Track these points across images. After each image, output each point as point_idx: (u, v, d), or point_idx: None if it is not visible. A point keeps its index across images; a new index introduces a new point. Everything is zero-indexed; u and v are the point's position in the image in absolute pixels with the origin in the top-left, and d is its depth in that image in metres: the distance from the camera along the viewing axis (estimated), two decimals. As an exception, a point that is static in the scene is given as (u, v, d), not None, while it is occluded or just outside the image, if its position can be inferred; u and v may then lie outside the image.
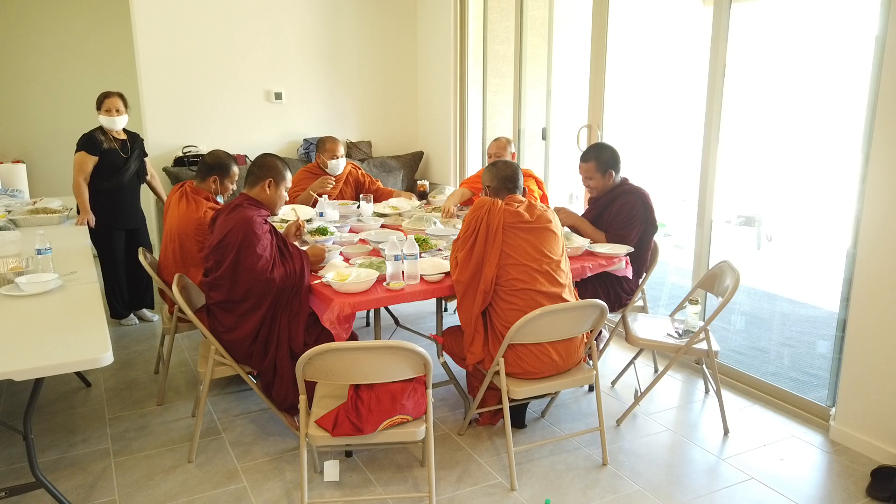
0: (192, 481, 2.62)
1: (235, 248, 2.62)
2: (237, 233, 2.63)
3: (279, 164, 2.86)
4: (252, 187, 2.83)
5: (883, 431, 2.76)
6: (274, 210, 2.88)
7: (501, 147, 4.10)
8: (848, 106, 3.80)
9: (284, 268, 2.68)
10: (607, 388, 3.46)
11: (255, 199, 2.81)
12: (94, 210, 4.03)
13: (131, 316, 4.40)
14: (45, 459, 2.78)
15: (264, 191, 2.81)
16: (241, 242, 2.62)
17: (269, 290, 2.63)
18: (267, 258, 2.64)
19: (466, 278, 2.66)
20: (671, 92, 5.91)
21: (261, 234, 2.66)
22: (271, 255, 2.67)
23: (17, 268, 2.77)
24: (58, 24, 6.40)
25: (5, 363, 1.88)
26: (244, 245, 2.62)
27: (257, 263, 2.61)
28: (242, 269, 2.62)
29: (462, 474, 2.67)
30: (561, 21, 4.88)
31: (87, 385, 3.52)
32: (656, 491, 2.57)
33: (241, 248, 2.62)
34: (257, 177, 2.82)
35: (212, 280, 2.72)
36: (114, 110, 3.99)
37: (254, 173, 2.84)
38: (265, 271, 2.62)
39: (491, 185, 2.82)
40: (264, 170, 2.82)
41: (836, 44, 4.10)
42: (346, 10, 5.69)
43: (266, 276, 2.62)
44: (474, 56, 5.51)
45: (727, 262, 3.06)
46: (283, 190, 2.87)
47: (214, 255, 2.70)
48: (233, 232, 2.64)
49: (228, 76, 5.32)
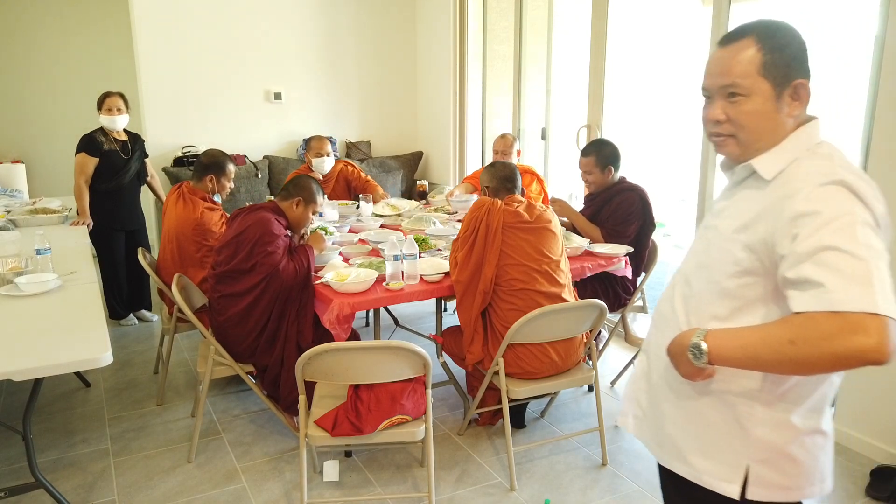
0: (191, 481, 2.62)
1: (251, 243, 2.67)
2: (255, 230, 2.69)
3: (314, 188, 2.93)
4: (283, 200, 2.91)
5: (882, 431, 2.76)
6: (296, 228, 2.94)
7: (508, 145, 4.11)
8: (848, 106, 3.80)
9: (294, 263, 2.72)
10: (607, 388, 3.46)
11: (280, 210, 2.87)
12: (93, 211, 4.02)
13: (130, 316, 4.40)
14: (44, 459, 2.78)
15: (292, 207, 2.88)
16: (257, 239, 2.67)
17: (274, 281, 2.67)
18: (279, 253, 2.70)
19: (466, 278, 2.66)
20: (671, 92, 5.91)
21: (277, 233, 2.73)
22: (283, 252, 2.73)
23: (17, 268, 2.77)
24: (57, 24, 6.40)
25: (5, 363, 1.88)
26: (259, 242, 2.67)
27: (270, 259, 2.66)
28: (255, 263, 2.67)
29: (461, 474, 2.67)
30: (560, 21, 4.88)
31: (86, 385, 3.51)
32: (656, 491, 2.57)
33: (257, 244, 2.67)
34: (290, 192, 2.90)
35: (220, 273, 2.74)
36: (115, 110, 3.99)
37: (288, 189, 2.93)
38: (273, 264, 2.66)
39: (490, 186, 2.82)
40: (298, 189, 2.91)
41: (836, 44, 4.10)
42: (345, 10, 5.68)
43: (273, 268, 2.66)
44: (474, 56, 5.51)
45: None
46: (310, 212, 2.94)
47: (228, 249, 2.73)
48: (251, 229, 2.70)
49: (228, 76, 5.32)
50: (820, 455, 1.17)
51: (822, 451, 1.18)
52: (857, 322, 0.94)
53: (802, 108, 1.19)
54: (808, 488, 1.17)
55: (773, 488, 1.16)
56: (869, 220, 1.03)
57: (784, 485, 1.16)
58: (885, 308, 0.94)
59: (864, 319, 0.94)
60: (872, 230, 1.02)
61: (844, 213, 1.03)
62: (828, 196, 1.06)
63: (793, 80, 1.17)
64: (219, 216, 3.37)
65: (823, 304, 0.97)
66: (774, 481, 1.15)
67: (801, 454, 1.15)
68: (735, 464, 1.17)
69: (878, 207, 1.07)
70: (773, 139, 1.19)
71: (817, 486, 1.18)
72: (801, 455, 1.16)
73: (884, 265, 0.99)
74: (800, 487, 1.17)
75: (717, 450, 1.19)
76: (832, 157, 1.13)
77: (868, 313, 0.94)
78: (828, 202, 1.05)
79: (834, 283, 0.97)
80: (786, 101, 1.17)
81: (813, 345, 0.97)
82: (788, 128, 1.19)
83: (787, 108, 1.18)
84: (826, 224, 1.02)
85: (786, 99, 1.17)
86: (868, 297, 0.95)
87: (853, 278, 0.96)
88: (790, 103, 1.18)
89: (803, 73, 1.18)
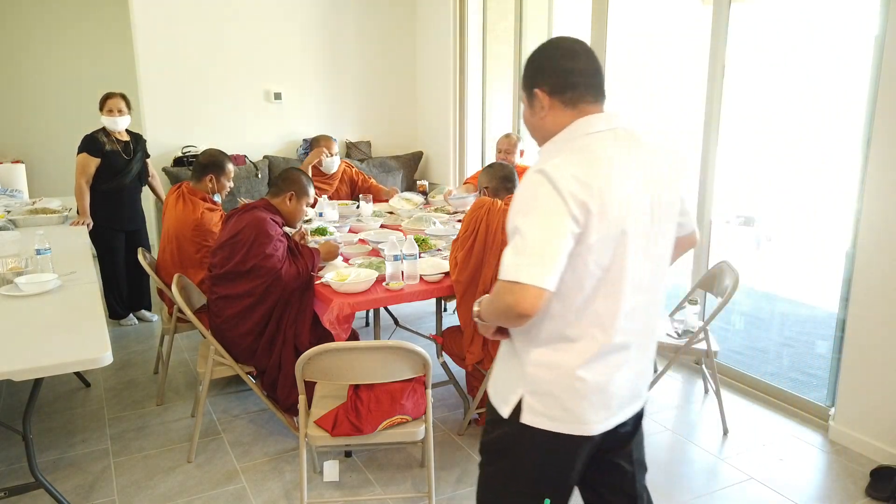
0: (191, 481, 2.62)
1: (247, 245, 2.65)
2: (249, 231, 2.67)
3: (303, 180, 2.91)
4: (274, 196, 2.88)
5: (882, 431, 2.76)
6: (291, 222, 2.92)
7: (512, 144, 4.13)
8: (847, 106, 3.80)
9: (296, 266, 2.70)
10: (607, 388, 3.46)
11: (273, 207, 2.85)
12: (94, 210, 4.02)
13: (130, 316, 4.40)
14: (44, 459, 2.78)
15: (285, 202, 2.87)
16: (252, 240, 2.65)
17: (275, 286, 2.65)
18: (279, 257, 2.67)
19: (466, 278, 2.66)
20: (670, 92, 5.91)
21: (273, 234, 2.70)
22: (283, 256, 2.70)
23: (17, 268, 2.77)
24: (57, 25, 6.40)
25: (5, 363, 1.88)
26: (255, 243, 2.65)
27: (268, 261, 2.64)
28: (252, 265, 2.65)
29: (461, 474, 2.67)
30: (560, 21, 4.88)
31: (86, 385, 3.52)
32: (655, 491, 2.56)
33: (253, 245, 2.65)
34: (280, 188, 2.88)
35: (217, 275, 2.73)
36: (116, 111, 3.99)
37: (277, 184, 2.90)
38: (274, 269, 2.64)
39: (489, 186, 2.83)
40: (288, 182, 2.88)
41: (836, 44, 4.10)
42: (345, 10, 5.68)
43: (275, 273, 2.64)
44: (474, 56, 5.51)
45: (726, 262, 3.06)
46: (303, 205, 2.92)
47: (223, 251, 2.72)
48: (245, 230, 2.68)
49: (228, 76, 5.32)
50: (577, 399, 1.39)
51: (581, 397, 1.39)
52: (507, 287, 1.28)
53: (550, 110, 1.40)
54: (567, 423, 1.40)
55: (538, 416, 1.41)
56: (552, 205, 1.27)
57: (547, 415, 1.40)
58: (525, 277, 1.25)
59: (512, 286, 1.27)
60: (552, 213, 1.27)
61: (529, 198, 1.30)
62: (526, 182, 1.33)
63: (533, 88, 1.42)
64: (218, 216, 3.37)
65: (500, 273, 1.31)
66: (539, 410, 1.40)
67: (561, 393, 1.39)
68: (513, 392, 1.44)
69: (579, 193, 1.27)
70: (544, 135, 1.44)
71: (576, 424, 1.40)
72: (560, 393, 1.39)
73: (544, 242, 1.27)
74: (561, 420, 1.40)
75: (505, 381, 1.48)
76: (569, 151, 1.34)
77: (513, 281, 1.27)
78: (524, 187, 1.33)
79: (506, 258, 1.30)
80: (537, 105, 1.42)
81: (495, 301, 1.33)
82: (558, 126, 1.41)
83: (539, 111, 1.42)
84: (518, 206, 1.33)
85: (536, 103, 1.42)
86: (517, 268, 1.27)
87: (515, 253, 1.29)
88: (540, 106, 1.41)
89: (540, 82, 1.41)
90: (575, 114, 1.39)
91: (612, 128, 1.39)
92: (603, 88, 1.42)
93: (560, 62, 1.39)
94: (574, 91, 1.38)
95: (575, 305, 1.35)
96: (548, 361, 1.39)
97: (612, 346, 1.39)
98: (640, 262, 1.38)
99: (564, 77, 1.38)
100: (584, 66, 1.39)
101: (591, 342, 1.38)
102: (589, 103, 1.39)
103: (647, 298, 1.42)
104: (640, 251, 1.37)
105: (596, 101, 1.40)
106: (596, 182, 1.29)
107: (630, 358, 1.43)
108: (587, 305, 1.35)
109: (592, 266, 1.32)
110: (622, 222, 1.32)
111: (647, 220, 1.37)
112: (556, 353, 1.39)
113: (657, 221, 1.40)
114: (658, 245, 1.42)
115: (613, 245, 1.32)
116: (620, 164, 1.33)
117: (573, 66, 1.39)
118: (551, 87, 1.39)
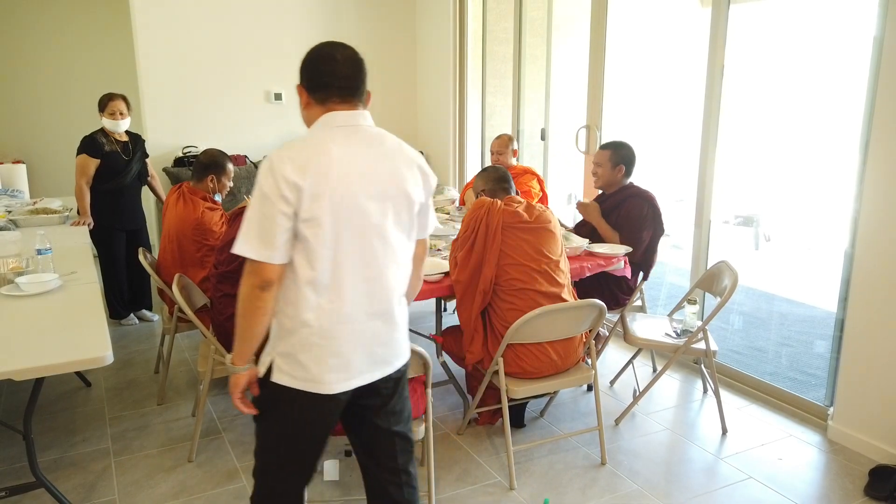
0: (191, 481, 2.63)
1: None
2: None
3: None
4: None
5: (881, 431, 2.77)
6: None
7: (503, 144, 4.13)
8: (846, 106, 3.81)
9: None
10: (606, 387, 3.47)
11: None
12: (94, 211, 4.03)
13: (131, 316, 4.41)
14: (45, 459, 2.79)
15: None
16: None
17: None
18: None
19: (466, 278, 2.67)
20: (669, 93, 5.92)
21: None
22: None
23: (18, 268, 2.77)
24: (58, 25, 6.41)
25: (5, 363, 1.89)
26: None
27: None
28: None
29: (461, 474, 2.68)
30: (560, 22, 4.88)
31: (87, 385, 3.52)
32: (655, 490, 2.58)
33: None
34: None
35: (222, 272, 2.74)
36: (117, 113, 3.99)
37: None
38: None
39: (486, 189, 2.84)
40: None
41: (835, 45, 4.11)
42: (345, 10, 5.69)
43: None
44: (473, 57, 5.52)
45: (725, 262, 3.07)
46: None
47: (229, 249, 2.72)
48: None
49: (228, 76, 5.32)
50: (311, 364, 1.58)
51: (314, 363, 1.58)
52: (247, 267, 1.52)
53: (307, 105, 1.63)
54: (306, 383, 1.59)
55: (284, 376, 1.60)
56: (267, 187, 1.47)
57: (291, 374, 1.60)
58: (242, 251, 1.49)
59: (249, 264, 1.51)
60: (267, 194, 1.47)
61: (258, 183, 1.50)
62: (259, 169, 1.52)
63: (298, 84, 1.64)
64: (219, 216, 3.38)
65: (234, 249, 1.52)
66: (285, 371, 1.60)
67: (300, 356, 1.58)
68: (269, 355, 1.63)
69: (291, 175, 1.46)
70: (307, 126, 1.65)
71: (311, 384, 1.59)
72: (300, 357, 1.58)
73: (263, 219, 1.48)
74: (302, 380, 1.59)
75: (269, 347, 1.65)
76: (302, 140, 1.55)
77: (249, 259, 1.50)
78: (259, 173, 1.51)
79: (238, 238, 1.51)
80: (301, 100, 1.64)
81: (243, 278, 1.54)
82: (311, 119, 1.62)
83: (303, 105, 1.64)
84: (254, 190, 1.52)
85: (300, 98, 1.64)
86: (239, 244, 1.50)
87: (241, 232, 1.50)
88: (302, 101, 1.63)
89: (302, 80, 1.63)
90: (324, 110, 1.60)
91: (354, 125, 1.59)
92: (357, 91, 1.61)
93: (317, 65, 1.61)
94: (326, 91, 1.59)
95: (307, 275, 1.53)
96: (290, 327, 1.58)
97: (343, 316, 1.58)
98: (367, 241, 1.57)
99: (318, 78, 1.60)
100: (339, 70, 1.59)
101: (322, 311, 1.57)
102: (336, 103, 1.59)
103: (376, 274, 1.60)
104: (368, 230, 1.57)
105: (344, 101, 1.60)
106: (312, 166, 1.48)
107: (363, 328, 1.61)
108: (318, 276, 1.54)
109: (313, 240, 1.50)
110: (342, 202, 1.51)
111: (373, 206, 1.56)
112: (295, 320, 1.57)
113: (388, 209, 1.59)
114: (388, 230, 1.60)
115: (332, 221, 1.51)
116: (349, 153, 1.54)
117: (328, 69, 1.59)
118: (307, 85, 1.62)
